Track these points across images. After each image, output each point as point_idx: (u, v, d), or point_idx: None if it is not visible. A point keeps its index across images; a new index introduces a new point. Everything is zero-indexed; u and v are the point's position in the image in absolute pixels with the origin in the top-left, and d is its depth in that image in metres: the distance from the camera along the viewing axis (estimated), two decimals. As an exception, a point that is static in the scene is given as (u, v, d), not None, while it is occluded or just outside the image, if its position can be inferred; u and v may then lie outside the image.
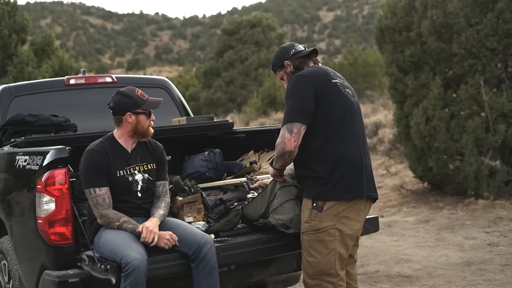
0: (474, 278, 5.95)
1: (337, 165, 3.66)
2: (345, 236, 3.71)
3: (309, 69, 3.84)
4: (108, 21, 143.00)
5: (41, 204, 3.78)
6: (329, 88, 3.72)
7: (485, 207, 9.07)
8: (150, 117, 4.03)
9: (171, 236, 3.81)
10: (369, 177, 3.81)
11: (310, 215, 3.71)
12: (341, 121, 3.71)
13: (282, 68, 3.95)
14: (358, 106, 3.87)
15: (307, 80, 3.71)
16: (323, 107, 3.68)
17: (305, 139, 3.69)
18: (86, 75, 6.03)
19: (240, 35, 38.65)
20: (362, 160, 3.76)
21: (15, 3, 17.64)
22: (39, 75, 16.67)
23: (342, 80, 3.88)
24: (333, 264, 3.69)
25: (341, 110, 3.73)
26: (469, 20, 9.62)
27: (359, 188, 3.72)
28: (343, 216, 3.68)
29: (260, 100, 30.33)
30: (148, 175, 4.05)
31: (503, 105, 9.32)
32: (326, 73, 3.81)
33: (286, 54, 3.93)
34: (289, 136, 3.64)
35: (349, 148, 3.71)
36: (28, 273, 4.12)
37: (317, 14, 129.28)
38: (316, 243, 3.70)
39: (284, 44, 4.07)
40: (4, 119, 5.26)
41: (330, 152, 3.68)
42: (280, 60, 3.95)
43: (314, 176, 3.70)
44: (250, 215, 4.17)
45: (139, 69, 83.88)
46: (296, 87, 3.72)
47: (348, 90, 3.85)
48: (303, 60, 3.90)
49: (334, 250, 3.68)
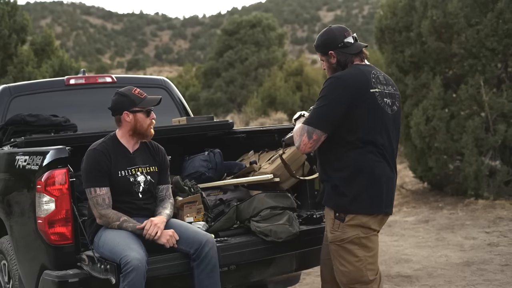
0: (474, 278, 5.95)
1: (357, 176, 3.54)
2: (371, 242, 3.62)
3: (351, 73, 3.60)
4: (108, 21, 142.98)
5: (41, 204, 3.78)
6: (365, 99, 3.54)
7: (485, 207, 9.07)
8: (149, 115, 4.02)
9: (173, 234, 3.81)
10: (390, 192, 3.66)
11: (333, 225, 3.62)
12: (369, 133, 3.55)
13: (324, 55, 3.70)
14: (394, 116, 3.67)
15: (345, 88, 3.52)
16: (353, 118, 3.52)
17: (329, 144, 3.57)
18: (86, 75, 6.02)
19: (240, 35, 38.62)
20: (386, 174, 3.61)
21: (15, 3, 17.64)
22: (39, 75, 16.66)
23: (384, 86, 3.65)
24: (364, 272, 3.60)
25: (371, 122, 3.55)
26: (469, 20, 9.62)
27: (380, 203, 3.60)
28: (366, 227, 3.59)
29: (260, 100, 30.31)
30: (150, 177, 4.05)
31: (503, 105, 9.33)
32: (367, 80, 3.58)
33: (333, 44, 3.66)
34: (307, 140, 3.54)
35: (373, 161, 3.56)
36: (28, 273, 4.12)
37: (317, 14, 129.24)
38: (344, 252, 3.62)
39: (334, 28, 3.73)
40: (4, 119, 5.25)
41: (352, 162, 3.55)
42: (324, 48, 3.69)
43: (331, 183, 3.61)
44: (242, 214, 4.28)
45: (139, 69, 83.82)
46: (332, 92, 3.54)
47: (387, 99, 3.63)
48: (350, 57, 3.66)
49: (363, 258, 3.59)
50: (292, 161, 4.66)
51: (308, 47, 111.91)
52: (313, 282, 6.18)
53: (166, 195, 4.13)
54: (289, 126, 5.04)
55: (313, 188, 4.74)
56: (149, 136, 4.06)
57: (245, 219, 4.30)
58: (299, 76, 32.75)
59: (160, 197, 4.11)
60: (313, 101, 31.70)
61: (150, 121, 4.02)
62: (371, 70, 3.67)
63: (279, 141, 4.96)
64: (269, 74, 34.06)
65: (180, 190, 4.58)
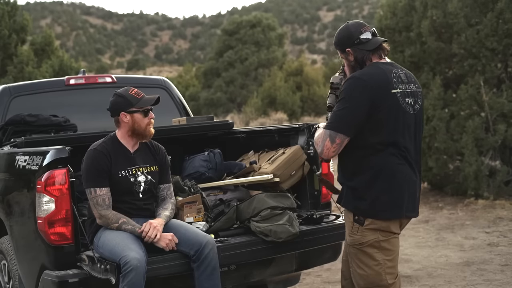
0: (474, 278, 5.95)
1: (377, 179, 3.44)
2: (390, 245, 3.55)
3: (370, 72, 3.48)
4: (108, 21, 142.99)
5: (41, 204, 3.78)
6: (386, 100, 3.42)
7: (485, 207, 9.07)
8: (147, 115, 4.01)
9: (172, 237, 3.81)
10: (412, 196, 3.55)
11: (352, 228, 3.55)
12: (390, 135, 3.44)
13: (343, 52, 3.60)
14: (417, 116, 3.55)
15: (364, 88, 3.40)
16: (374, 120, 3.42)
17: (349, 146, 3.48)
18: (86, 75, 6.02)
19: (240, 35, 38.63)
20: (408, 177, 3.51)
21: (15, 3, 17.65)
22: (39, 75, 16.68)
23: (406, 85, 3.53)
24: (383, 275, 3.52)
25: (392, 124, 3.44)
26: (469, 20, 9.62)
27: (399, 207, 3.49)
28: (386, 231, 3.51)
29: (260, 100, 30.33)
30: (151, 177, 4.05)
31: (503, 105, 9.32)
32: (388, 80, 3.46)
33: (349, 41, 3.55)
34: (330, 145, 3.44)
35: (395, 164, 3.46)
36: (28, 273, 4.12)
37: (317, 14, 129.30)
38: (362, 256, 3.54)
39: (351, 25, 3.62)
40: (4, 119, 5.25)
41: (372, 165, 3.45)
42: (341, 45, 3.59)
43: (350, 185, 3.53)
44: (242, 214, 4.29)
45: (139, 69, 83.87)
46: (352, 93, 3.43)
47: (409, 99, 3.51)
48: (367, 54, 3.53)
49: (382, 261, 3.51)
50: (292, 161, 4.67)
51: (308, 47, 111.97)
52: (313, 282, 6.18)
53: (167, 194, 4.13)
54: (289, 126, 5.05)
55: (313, 188, 4.74)
56: (149, 136, 4.05)
57: (245, 219, 4.30)
58: (299, 76, 32.78)
59: (161, 196, 4.11)
60: (313, 101, 31.80)
61: (148, 120, 4.00)
62: (392, 69, 3.54)
63: (279, 141, 4.98)
64: (269, 74, 34.07)
65: (180, 190, 4.58)
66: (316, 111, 30.31)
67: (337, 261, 5.23)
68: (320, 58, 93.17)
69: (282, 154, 4.73)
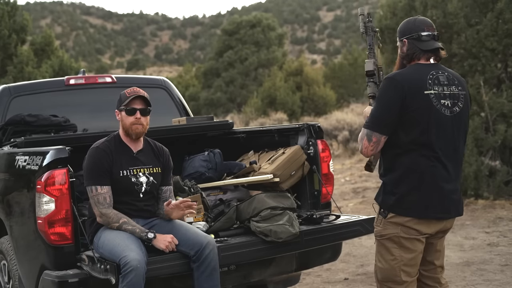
0: (474, 278, 5.96)
1: (406, 178, 3.50)
2: (411, 244, 3.55)
3: (406, 72, 3.54)
4: (108, 21, 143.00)
5: (41, 204, 3.78)
6: (418, 100, 3.46)
7: (485, 207, 9.07)
8: (133, 114, 3.98)
9: (172, 239, 3.81)
10: (444, 198, 3.54)
11: (376, 220, 3.64)
12: (422, 136, 3.47)
13: (400, 42, 3.64)
14: (455, 118, 3.54)
15: (396, 88, 3.46)
16: (406, 119, 3.47)
17: (386, 143, 3.54)
18: (86, 75, 6.02)
19: (240, 35, 38.66)
20: (440, 179, 3.51)
21: (15, 3, 17.66)
22: (39, 75, 16.70)
23: (444, 87, 3.54)
24: (398, 271, 3.56)
25: (425, 125, 3.46)
26: (469, 20, 9.62)
27: (424, 207, 3.50)
28: (408, 227, 3.53)
29: (260, 100, 30.34)
30: (153, 178, 4.04)
31: (503, 105, 9.32)
32: (422, 81, 3.49)
33: (408, 32, 3.59)
34: (367, 144, 3.53)
35: (426, 165, 3.48)
36: (28, 273, 4.12)
37: (317, 14, 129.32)
38: (382, 249, 3.61)
39: (418, 19, 3.66)
40: (4, 119, 5.25)
41: (403, 164, 3.50)
42: (401, 33, 3.63)
43: (383, 180, 3.61)
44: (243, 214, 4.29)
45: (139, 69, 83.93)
46: (385, 93, 3.50)
47: (446, 101, 3.52)
48: (418, 53, 3.57)
49: (399, 257, 3.55)
50: (292, 161, 4.67)
51: (308, 47, 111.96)
52: (313, 282, 6.18)
53: (170, 196, 4.13)
54: (289, 126, 5.05)
55: (313, 188, 4.74)
56: (133, 135, 4.01)
57: (245, 219, 4.30)
58: (299, 76, 32.78)
59: (164, 198, 4.10)
60: (312, 101, 31.82)
61: (133, 119, 3.98)
62: (431, 70, 3.56)
63: (279, 141, 4.98)
64: (269, 74, 34.09)
65: (180, 190, 4.58)
66: (316, 111, 30.32)
67: (337, 261, 5.23)
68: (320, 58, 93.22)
69: (282, 154, 4.74)
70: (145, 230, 3.82)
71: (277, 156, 4.76)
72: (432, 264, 3.75)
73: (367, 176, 13.01)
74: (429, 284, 3.76)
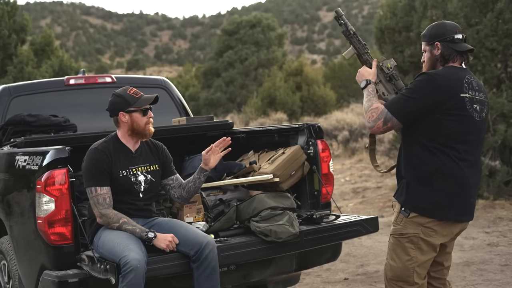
0: (474, 278, 5.96)
1: (431, 178, 3.51)
2: (428, 246, 3.59)
3: (445, 73, 3.55)
4: (108, 21, 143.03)
5: (41, 204, 3.78)
6: (454, 102, 3.48)
7: (485, 207, 9.07)
8: (146, 114, 4.00)
9: (173, 238, 3.81)
10: (467, 200, 3.59)
11: (397, 218, 3.64)
12: (452, 138, 3.50)
13: (429, 45, 3.66)
14: (481, 123, 3.60)
15: (434, 87, 3.47)
16: (438, 120, 3.49)
17: (412, 141, 3.57)
18: (86, 75, 6.02)
19: (240, 35, 38.66)
20: (464, 181, 3.53)
21: (15, 3, 17.66)
22: (39, 75, 16.70)
23: (476, 92, 3.59)
24: (411, 272, 3.58)
25: (456, 127, 3.50)
26: (469, 20, 9.62)
27: (447, 209, 3.53)
28: (429, 228, 3.55)
29: (260, 100, 30.34)
30: (151, 176, 4.05)
31: (503, 105, 9.32)
32: (460, 84, 3.53)
33: (442, 36, 3.62)
34: (381, 125, 3.52)
35: (451, 167, 3.50)
36: (27, 273, 4.12)
37: (317, 14, 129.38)
38: (398, 247, 3.61)
39: (448, 22, 3.72)
40: (4, 119, 5.26)
41: (429, 163, 3.51)
42: (431, 37, 3.65)
43: (406, 180, 3.60)
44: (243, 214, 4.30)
45: (139, 69, 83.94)
46: (422, 88, 3.50)
47: (477, 106, 3.56)
48: (454, 54, 3.61)
49: (414, 258, 3.57)
50: (292, 161, 4.67)
51: (308, 47, 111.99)
52: (313, 282, 6.18)
53: (180, 181, 4.17)
54: (289, 126, 5.05)
55: (313, 188, 4.74)
56: (148, 135, 4.04)
57: (245, 219, 4.30)
58: (299, 76, 32.78)
59: (176, 185, 4.14)
60: (312, 101, 31.80)
61: (147, 119, 4.00)
62: (466, 74, 3.61)
63: (279, 141, 4.98)
64: (269, 74, 34.09)
65: (180, 190, 4.58)
66: (316, 111, 30.33)
67: (337, 261, 5.23)
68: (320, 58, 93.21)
69: (282, 154, 4.74)
70: (145, 230, 3.82)
71: (277, 156, 4.76)
72: (441, 265, 3.77)
73: (367, 176, 13.01)
74: (434, 284, 3.78)
